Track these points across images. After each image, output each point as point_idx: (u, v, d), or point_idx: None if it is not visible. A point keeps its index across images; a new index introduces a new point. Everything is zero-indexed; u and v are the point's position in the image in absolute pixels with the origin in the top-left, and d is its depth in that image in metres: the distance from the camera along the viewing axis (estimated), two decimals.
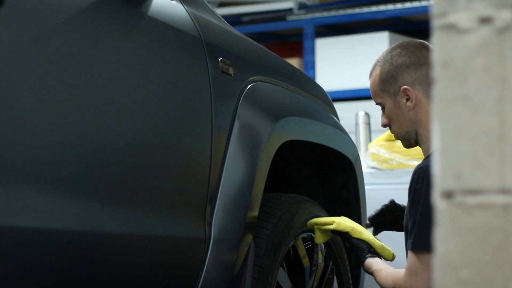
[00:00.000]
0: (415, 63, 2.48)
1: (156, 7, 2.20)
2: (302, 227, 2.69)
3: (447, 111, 0.90)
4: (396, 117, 2.51)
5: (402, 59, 2.48)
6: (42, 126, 1.82)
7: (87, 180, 1.93)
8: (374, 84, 2.53)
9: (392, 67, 2.49)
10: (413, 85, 2.47)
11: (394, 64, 2.49)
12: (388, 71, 2.49)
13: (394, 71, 2.48)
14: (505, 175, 0.87)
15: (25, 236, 1.79)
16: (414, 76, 2.47)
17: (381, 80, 2.50)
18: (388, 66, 2.49)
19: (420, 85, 2.46)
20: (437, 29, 0.91)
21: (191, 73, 2.30)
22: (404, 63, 2.48)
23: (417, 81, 2.47)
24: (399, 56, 2.49)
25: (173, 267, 2.21)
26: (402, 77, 2.47)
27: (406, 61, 2.48)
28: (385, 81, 2.50)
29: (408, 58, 2.49)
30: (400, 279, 2.38)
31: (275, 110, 2.63)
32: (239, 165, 2.40)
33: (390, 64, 2.49)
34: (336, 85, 6.93)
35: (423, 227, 2.32)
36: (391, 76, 2.48)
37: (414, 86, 2.47)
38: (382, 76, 2.50)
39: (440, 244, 0.90)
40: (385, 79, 2.50)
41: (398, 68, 2.48)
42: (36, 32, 1.83)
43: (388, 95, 2.50)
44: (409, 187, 2.38)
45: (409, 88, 2.47)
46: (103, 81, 1.99)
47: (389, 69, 2.49)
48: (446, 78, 0.90)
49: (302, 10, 7.29)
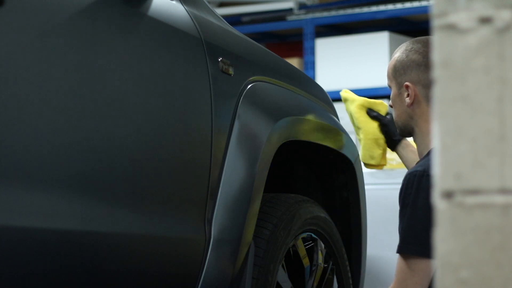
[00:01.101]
0: (426, 65, 2.51)
1: (156, 7, 2.20)
2: (302, 227, 2.69)
3: (447, 111, 0.90)
4: (396, 106, 2.60)
5: (417, 57, 2.53)
6: (42, 126, 1.82)
7: (86, 180, 1.93)
8: (389, 68, 2.61)
9: (406, 59, 2.55)
10: (417, 84, 2.53)
11: (409, 58, 2.55)
12: (401, 62, 2.56)
13: (406, 64, 2.55)
14: (505, 175, 0.87)
15: (25, 236, 1.79)
16: (421, 76, 2.52)
17: (394, 66, 2.58)
18: (404, 57, 2.56)
19: (424, 87, 2.52)
20: (437, 29, 0.91)
21: (191, 73, 2.30)
22: (417, 61, 2.53)
23: (422, 82, 2.52)
24: (416, 52, 2.55)
25: (173, 267, 2.21)
26: (411, 73, 2.53)
27: (419, 60, 2.52)
28: (396, 69, 2.57)
29: (422, 57, 2.52)
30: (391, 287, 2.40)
31: (275, 110, 2.63)
32: (239, 165, 2.40)
33: (406, 56, 2.55)
34: (336, 85, 6.93)
35: (410, 232, 2.35)
36: (402, 68, 2.55)
37: (417, 86, 2.53)
38: (396, 64, 2.57)
39: (440, 244, 0.90)
40: (397, 68, 2.57)
41: (410, 63, 2.54)
42: (36, 32, 1.83)
43: (395, 83, 2.58)
44: (399, 192, 2.42)
45: (411, 85, 2.52)
46: (103, 81, 1.99)
47: (403, 60, 2.56)
48: (446, 78, 0.90)
49: (302, 10, 7.28)
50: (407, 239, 2.36)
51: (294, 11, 7.29)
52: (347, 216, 3.09)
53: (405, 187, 2.39)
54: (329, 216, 2.88)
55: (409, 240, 2.34)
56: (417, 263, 2.34)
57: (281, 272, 2.59)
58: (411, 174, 2.39)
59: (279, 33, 7.84)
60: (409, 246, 2.34)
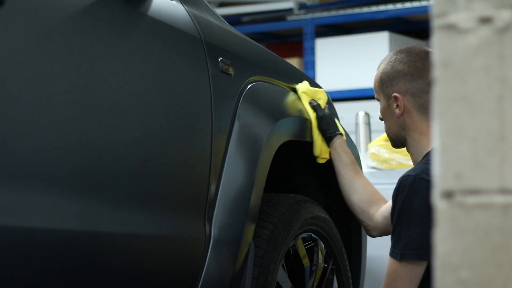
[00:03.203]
0: (412, 74, 2.51)
1: (156, 7, 2.20)
2: (302, 227, 2.69)
3: (447, 111, 0.90)
4: (386, 118, 2.59)
5: (402, 67, 2.52)
6: (42, 126, 1.82)
7: (86, 180, 1.93)
8: (375, 80, 2.60)
9: (391, 70, 2.54)
10: (405, 94, 2.52)
11: (394, 69, 2.54)
12: (387, 73, 2.55)
13: (392, 75, 2.54)
14: (505, 175, 0.87)
15: (25, 236, 1.79)
16: (408, 86, 2.51)
17: (380, 79, 2.57)
18: (389, 69, 2.55)
19: (412, 97, 2.51)
20: (437, 29, 0.91)
21: (191, 73, 2.30)
22: (402, 71, 2.52)
23: (410, 92, 2.52)
24: (400, 62, 2.53)
25: (173, 267, 2.21)
26: (397, 83, 2.53)
27: (404, 70, 2.51)
28: (382, 82, 2.56)
29: (407, 67, 2.52)
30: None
31: (275, 110, 2.63)
32: (239, 165, 2.40)
33: (391, 68, 2.54)
34: (336, 85, 6.93)
35: (399, 236, 2.35)
36: (388, 79, 2.54)
37: (406, 96, 2.52)
38: (382, 76, 2.56)
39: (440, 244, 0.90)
40: (383, 80, 2.56)
41: (395, 74, 2.53)
42: (36, 32, 1.83)
43: (383, 95, 2.57)
44: (392, 195, 2.42)
45: (399, 96, 2.52)
46: (103, 81, 1.99)
47: (388, 72, 2.55)
48: (446, 78, 0.90)
49: (302, 10, 7.29)
50: (395, 243, 2.37)
51: (294, 11, 7.29)
52: (347, 216, 3.09)
53: (396, 191, 2.40)
54: (329, 216, 2.88)
55: (410, 246, 2.35)
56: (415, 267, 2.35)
57: (281, 272, 2.59)
58: (404, 177, 2.39)
59: (279, 33, 7.84)
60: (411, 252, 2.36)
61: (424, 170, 2.37)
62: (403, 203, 2.36)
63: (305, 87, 2.82)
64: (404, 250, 2.36)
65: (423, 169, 2.37)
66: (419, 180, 2.34)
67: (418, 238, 2.33)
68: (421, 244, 2.33)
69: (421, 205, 2.32)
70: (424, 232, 2.31)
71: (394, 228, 2.40)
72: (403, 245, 2.36)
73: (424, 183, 2.33)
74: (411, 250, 2.35)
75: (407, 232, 2.35)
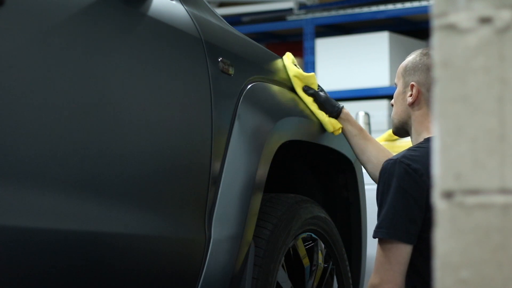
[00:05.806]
0: None
1: (156, 7, 2.20)
2: (302, 227, 2.69)
3: (447, 111, 0.90)
4: (397, 104, 2.68)
5: (429, 61, 2.63)
6: (42, 126, 1.82)
7: (86, 180, 1.93)
8: (401, 66, 2.70)
9: (419, 61, 2.64)
10: (422, 86, 2.62)
11: (422, 61, 2.63)
12: (414, 63, 2.64)
13: (417, 66, 2.63)
14: (505, 175, 0.87)
15: (25, 236, 1.79)
16: (428, 80, 2.61)
17: (406, 66, 2.67)
18: (417, 60, 2.64)
19: (427, 91, 2.62)
20: (437, 29, 0.91)
21: (191, 73, 2.30)
22: (428, 64, 2.63)
23: (427, 86, 2.61)
24: (429, 57, 2.63)
25: (173, 267, 2.21)
26: (419, 74, 2.62)
27: (430, 64, 2.58)
28: (407, 69, 2.65)
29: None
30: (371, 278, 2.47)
31: (275, 110, 2.63)
32: (239, 165, 2.40)
33: (420, 59, 2.64)
34: (336, 85, 6.93)
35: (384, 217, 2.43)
36: (413, 68, 2.64)
37: (422, 88, 2.62)
38: (408, 64, 2.66)
39: (440, 244, 0.90)
40: (408, 68, 2.65)
41: (421, 65, 2.62)
42: (36, 32, 1.83)
43: (402, 81, 2.67)
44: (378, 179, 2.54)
45: (416, 86, 2.62)
46: (103, 81, 1.99)
47: (416, 62, 2.64)
48: (446, 78, 0.90)
49: (302, 10, 7.29)
50: (381, 223, 2.44)
51: (294, 11, 7.29)
52: (347, 216, 3.09)
53: (379, 175, 2.48)
54: (329, 216, 2.88)
55: (382, 224, 2.42)
56: (391, 247, 2.41)
57: (281, 272, 2.59)
58: (387, 161, 2.47)
59: (279, 33, 7.85)
60: (382, 230, 2.43)
61: (406, 155, 2.46)
62: (384, 185, 2.44)
63: (296, 71, 2.84)
64: (377, 229, 2.44)
65: (405, 154, 2.46)
66: (399, 164, 2.42)
67: (390, 217, 2.40)
68: (392, 223, 2.40)
69: (397, 186, 2.40)
70: (397, 212, 2.39)
71: (378, 211, 2.47)
72: (377, 224, 2.44)
73: (403, 166, 2.41)
74: (383, 228, 2.42)
75: (382, 212, 2.43)
